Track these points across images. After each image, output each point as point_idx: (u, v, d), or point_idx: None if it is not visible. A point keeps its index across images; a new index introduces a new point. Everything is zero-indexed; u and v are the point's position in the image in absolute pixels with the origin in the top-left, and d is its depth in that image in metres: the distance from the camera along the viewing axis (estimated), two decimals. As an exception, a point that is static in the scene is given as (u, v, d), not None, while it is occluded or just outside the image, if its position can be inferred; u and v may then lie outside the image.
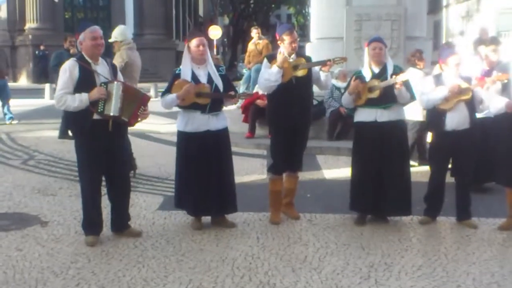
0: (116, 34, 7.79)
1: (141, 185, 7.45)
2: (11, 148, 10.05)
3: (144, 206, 6.53)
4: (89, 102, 5.02)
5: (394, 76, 5.73)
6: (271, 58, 5.94)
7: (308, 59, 6.04)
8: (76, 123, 5.23)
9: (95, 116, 5.08)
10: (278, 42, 5.92)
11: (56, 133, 11.18)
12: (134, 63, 7.64)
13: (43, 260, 4.86)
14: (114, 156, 5.29)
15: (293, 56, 5.87)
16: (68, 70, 5.10)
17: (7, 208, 6.43)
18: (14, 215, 6.17)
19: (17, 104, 14.92)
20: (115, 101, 5.05)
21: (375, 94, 5.81)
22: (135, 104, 5.24)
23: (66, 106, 5.08)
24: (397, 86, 5.68)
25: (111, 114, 5.05)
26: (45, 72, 28.59)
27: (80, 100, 5.03)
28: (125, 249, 5.15)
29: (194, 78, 5.57)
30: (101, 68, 5.21)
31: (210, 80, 5.60)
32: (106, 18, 31.60)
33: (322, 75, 5.90)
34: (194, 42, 5.57)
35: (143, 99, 5.32)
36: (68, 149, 9.74)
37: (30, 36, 29.94)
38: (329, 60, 5.79)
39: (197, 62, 5.62)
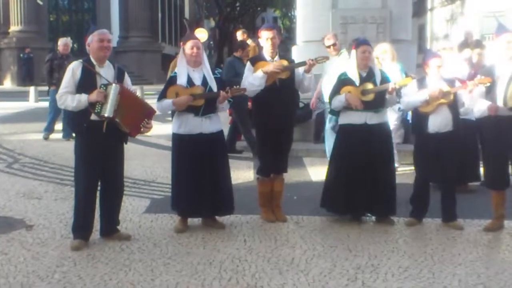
0: None
1: (127, 188, 7.35)
2: (-4, 152, 9.96)
3: (130, 209, 6.50)
4: (87, 103, 5.06)
5: (394, 83, 5.81)
6: (254, 61, 5.95)
7: (291, 61, 6.07)
8: (74, 122, 5.31)
9: (94, 117, 5.11)
10: (259, 39, 5.95)
11: (40, 135, 11.28)
12: None
13: (28, 264, 4.82)
14: (110, 159, 5.30)
15: (276, 57, 5.88)
16: (71, 70, 5.19)
17: (-8, 212, 6.38)
18: (-1, 219, 6.12)
19: (1, 107, 14.79)
20: (110, 103, 5.07)
21: (369, 97, 5.83)
22: (138, 114, 5.29)
23: (66, 105, 5.17)
24: (390, 90, 5.76)
25: (106, 115, 5.07)
26: (30, 75, 28.46)
27: (78, 101, 5.08)
28: (112, 252, 5.12)
29: (189, 81, 5.57)
30: (105, 71, 5.24)
31: (204, 82, 5.60)
32: (91, 20, 31.43)
33: (306, 77, 5.91)
34: (188, 45, 5.59)
35: (148, 113, 5.37)
36: (53, 152, 9.69)
37: (14, 39, 29.72)
38: (312, 60, 5.81)
39: (192, 64, 5.62)
